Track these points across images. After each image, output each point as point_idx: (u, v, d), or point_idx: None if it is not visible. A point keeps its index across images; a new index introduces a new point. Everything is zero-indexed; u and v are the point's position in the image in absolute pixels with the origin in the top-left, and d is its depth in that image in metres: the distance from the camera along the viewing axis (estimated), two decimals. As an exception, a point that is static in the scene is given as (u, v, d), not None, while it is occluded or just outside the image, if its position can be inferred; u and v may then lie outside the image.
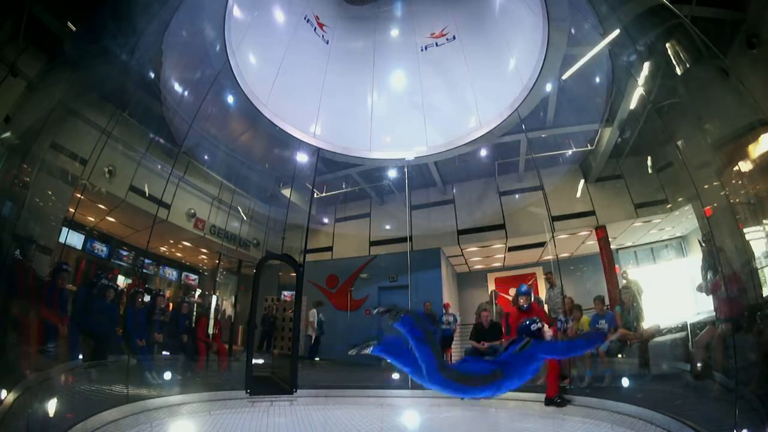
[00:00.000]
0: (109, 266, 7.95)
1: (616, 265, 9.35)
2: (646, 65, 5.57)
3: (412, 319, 2.86)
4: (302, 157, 8.86)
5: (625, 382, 5.47)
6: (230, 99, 7.22)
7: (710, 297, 4.98)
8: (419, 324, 2.85)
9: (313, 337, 9.72)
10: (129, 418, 4.44)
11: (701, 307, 5.94)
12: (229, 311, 10.68)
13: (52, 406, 3.95)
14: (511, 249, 10.58)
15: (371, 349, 2.88)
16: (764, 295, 4.46)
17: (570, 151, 8.82)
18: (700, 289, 5.22)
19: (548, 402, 5.17)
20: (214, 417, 5.16)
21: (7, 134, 4.98)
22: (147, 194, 7.34)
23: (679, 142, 5.72)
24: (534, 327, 3.23)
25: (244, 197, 10.33)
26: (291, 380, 6.27)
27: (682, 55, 4.94)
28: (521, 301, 5.11)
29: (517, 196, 9.74)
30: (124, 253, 8.29)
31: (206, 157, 8.91)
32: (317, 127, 7.79)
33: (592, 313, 6.55)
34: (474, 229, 10.04)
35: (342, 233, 11.24)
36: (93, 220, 7.49)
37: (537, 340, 3.15)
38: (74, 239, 6.93)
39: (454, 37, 7.32)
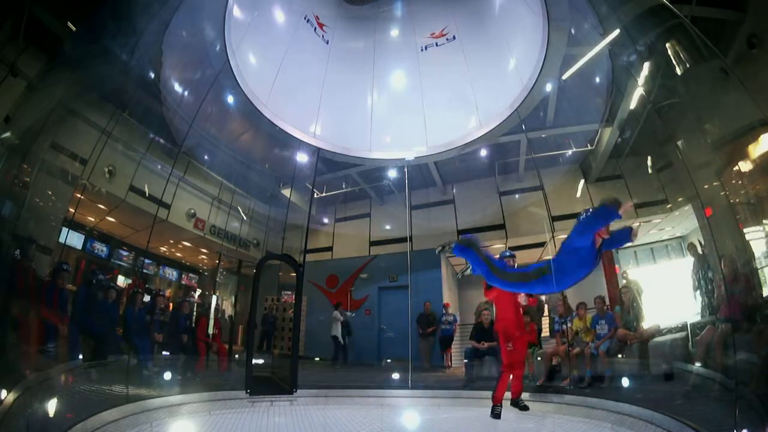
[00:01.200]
0: (109, 266, 7.95)
1: (616, 265, 9.35)
2: (646, 65, 5.56)
3: (461, 245, 3.70)
4: (302, 157, 8.86)
5: (625, 382, 5.46)
6: (230, 99, 7.22)
7: (711, 297, 4.99)
8: (468, 247, 3.62)
9: (344, 339, 9.53)
10: (129, 418, 4.43)
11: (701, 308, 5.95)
12: (229, 311, 10.69)
13: (52, 406, 3.94)
14: (511, 249, 10.55)
15: (453, 248, 3.73)
16: (764, 295, 4.46)
17: (570, 151, 8.82)
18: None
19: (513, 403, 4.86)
20: (214, 417, 5.16)
21: (7, 134, 4.98)
22: (147, 194, 7.34)
23: (679, 142, 5.71)
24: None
25: (244, 197, 10.33)
26: (291, 380, 6.27)
27: (682, 55, 4.94)
28: (508, 263, 4.58)
29: (517, 196, 9.74)
30: (124, 253, 8.29)
31: (206, 157, 8.91)
32: (317, 127, 7.78)
33: (592, 313, 6.55)
34: (474, 229, 10.01)
35: (342, 233, 11.24)
36: (93, 220, 7.49)
37: None
38: (74, 239, 6.93)
39: (454, 37, 7.32)
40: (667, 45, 5.01)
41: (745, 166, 4.84)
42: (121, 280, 7.98)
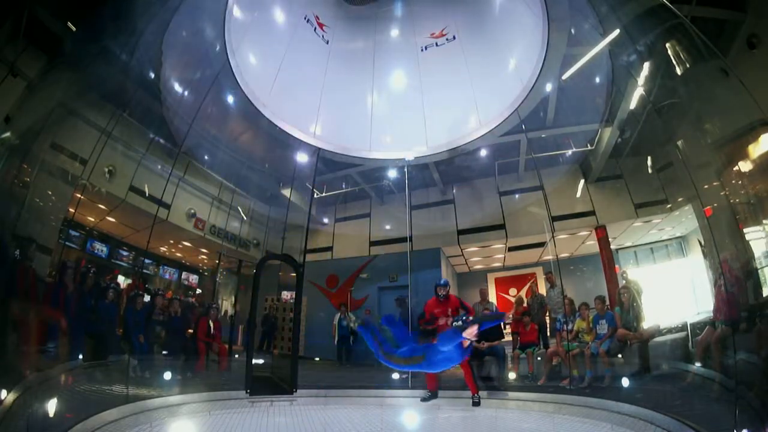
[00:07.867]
0: (110, 266, 7.95)
1: (616, 265, 9.35)
2: (646, 65, 5.56)
3: (362, 326, 4.14)
4: (302, 157, 8.85)
5: (625, 382, 5.47)
6: (230, 99, 7.21)
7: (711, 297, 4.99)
8: (366, 330, 4.00)
9: (335, 339, 9.56)
10: (129, 418, 4.44)
11: (701, 307, 5.95)
12: (229, 311, 10.68)
13: (52, 406, 3.95)
14: (511, 249, 10.57)
15: (357, 327, 4.42)
16: (764, 295, 4.46)
17: (570, 151, 8.81)
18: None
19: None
20: (214, 417, 5.16)
21: (7, 134, 4.98)
22: (147, 194, 7.34)
23: (679, 142, 5.72)
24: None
25: (244, 197, 10.32)
26: (291, 380, 6.27)
27: (682, 55, 4.94)
28: (440, 291, 6.13)
29: (517, 196, 9.73)
30: (124, 253, 8.28)
31: (206, 157, 8.90)
32: (317, 127, 7.78)
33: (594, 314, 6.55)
34: (474, 229, 10.03)
35: (342, 233, 11.23)
36: (93, 220, 7.49)
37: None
38: (74, 239, 6.92)
39: (454, 37, 7.31)
40: (667, 45, 5.01)
41: (745, 166, 4.84)
42: (121, 280, 7.97)
